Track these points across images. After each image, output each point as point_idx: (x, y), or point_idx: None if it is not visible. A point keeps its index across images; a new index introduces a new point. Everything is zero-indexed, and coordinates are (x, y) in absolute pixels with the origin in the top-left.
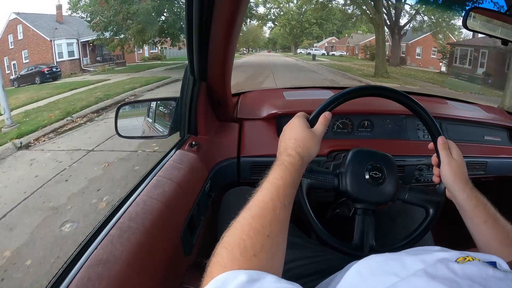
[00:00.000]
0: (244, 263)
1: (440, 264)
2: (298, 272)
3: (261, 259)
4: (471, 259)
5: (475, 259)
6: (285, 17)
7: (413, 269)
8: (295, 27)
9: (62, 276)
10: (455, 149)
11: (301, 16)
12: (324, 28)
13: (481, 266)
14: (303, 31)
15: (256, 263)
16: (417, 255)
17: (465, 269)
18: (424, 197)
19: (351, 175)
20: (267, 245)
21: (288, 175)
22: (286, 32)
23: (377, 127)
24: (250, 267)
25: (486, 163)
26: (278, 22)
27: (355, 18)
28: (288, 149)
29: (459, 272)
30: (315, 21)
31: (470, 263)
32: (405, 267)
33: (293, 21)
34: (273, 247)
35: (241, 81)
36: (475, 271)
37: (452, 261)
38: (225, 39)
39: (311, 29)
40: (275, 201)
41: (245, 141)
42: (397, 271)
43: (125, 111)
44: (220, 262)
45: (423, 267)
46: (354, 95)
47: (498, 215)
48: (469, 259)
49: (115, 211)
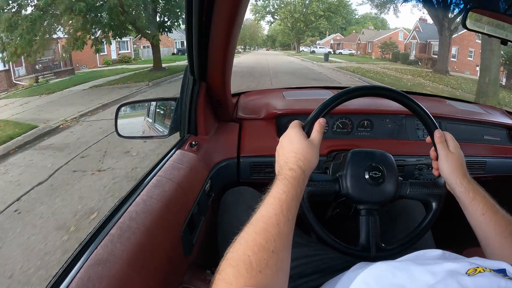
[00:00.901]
0: (249, 279)
1: (451, 279)
2: (299, 271)
3: (267, 275)
4: (482, 270)
5: (486, 270)
6: (286, 8)
7: (422, 282)
8: (298, 20)
9: (62, 276)
10: (452, 141)
11: (305, 8)
12: (332, 22)
13: (492, 277)
14: (307, 26)
15: (261, 280)
16: (424, 265)
17: (477, 283)
18: (426, 191)
19: (351, 178)
20: (272, 261)
21: (291, 189)
22: (287, 27)
23: (376, 127)
24: (256, 284)
25: (485, 163)
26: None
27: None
28: (289, 163)
29: (470, 287)
30: (322, 13)
31: (481, 275)
32: (413, 279)
33: (297, 13)
34: (278, 263)
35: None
36: (487, 285)
37: (462, 274)
38: (225, 39)
39: (317, 23)
40: (279, 216)
41: (245, 141)
42: (405, 283)
43: (125, 111)
44: (226, 279)
45: (433, 284)
46: (344, 98)
47: (497, 207)
48: (480, 271)
49: (115, 211)
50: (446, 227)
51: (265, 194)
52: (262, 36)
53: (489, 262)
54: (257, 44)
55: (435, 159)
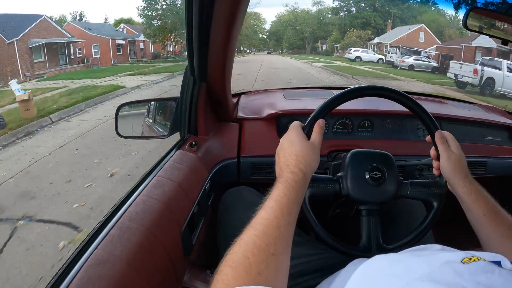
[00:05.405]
0: (248, 281)
1: (446, 267)
2: (299, 269)
3: (266, 277)
4: (477, 259)
5: (481, 259)
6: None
7: (418, 273)
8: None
9: (62, 276)
10: (453, 141)
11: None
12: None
13: (487, 266)
14: (351, 22)
15: (260, 281)
16: (421, 256)
17: (471, 270)
18: (427, 191)
19: (352, 178)
20: (271, 263)
21: (292, 192)
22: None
23: (377, 127)
24: (255, 285)
25: (486, 163)
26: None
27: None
28: (290, 166)
29: (465, 273)
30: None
31: (475, 263)
32: (410, 270)
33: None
34: (277, 265)
35: None
36: (481, 271)
37: (457, 262)
38: (225, 38)
39: (373, 15)
40: (280, 219)
41: (245, 141)
42: (402, 274)
43: (125, 111)
44: (225, 280)
45: (429, 271)
46: (344, 99)
47: (499, 208)
48: (475, 259)
49: (115, 211)
50: (447, 228)
51: (265, 196)
52: (262, 31)
53: (485, 253)
54: (254, 45)
55: (435, 159)
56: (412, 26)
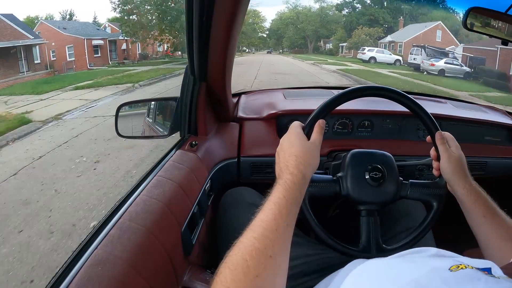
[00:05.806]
0: (246, 283)
1: (433, 274)
2: (299, 270)
3: (264, 279)
4: (464, 267)
5: (468, 267)
6: None
7: (407, 279)
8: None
9: (62, 276)
10: (453, 142)
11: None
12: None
13: (474, 273)
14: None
15: (259, 284)
16: (412, 262)
17: (457, 278)
18: (427, 191)
19: (352, 179)
20: (270, 266)
21: (291, 194)
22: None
23: (377, 127)
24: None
25: (486, 163)
26: None
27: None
28: (290, 167)
29: (451, 281)
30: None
31: (462, 271)
32: (400, 276)
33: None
34: (276, 267)
35: None
36: (467, 279)
37: (445, 270)
38: (226, 38)
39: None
40: (278, 221)
41: (245, 141)
42: (392, 280)
43: (125, 111)
44: (224, 282)
45: (417, 277)
46: (344, 99)
47: (498, 210)
48: (462, 267)
49: (115, 211)
50: (446, 228)
51: (265, 197)
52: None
53: (475, 261)
54: (253, 43)
55: (435, 159)
56: (428, 23)
